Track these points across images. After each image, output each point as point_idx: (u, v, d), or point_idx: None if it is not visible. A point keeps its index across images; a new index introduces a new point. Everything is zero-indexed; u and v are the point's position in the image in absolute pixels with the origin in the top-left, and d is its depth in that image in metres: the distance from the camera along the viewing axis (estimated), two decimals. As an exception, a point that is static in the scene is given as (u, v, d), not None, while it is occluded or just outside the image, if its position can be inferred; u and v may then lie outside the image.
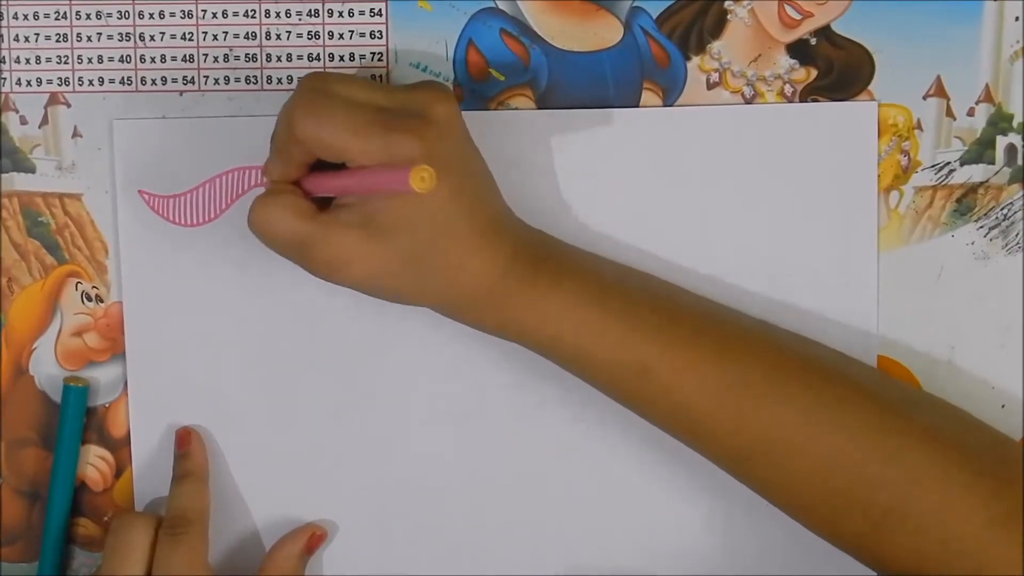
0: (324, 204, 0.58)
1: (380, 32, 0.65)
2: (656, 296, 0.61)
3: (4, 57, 0.66)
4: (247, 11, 0.65)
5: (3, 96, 0.66)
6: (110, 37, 0.65)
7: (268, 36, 0.65)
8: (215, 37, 0.65)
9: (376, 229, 0.56)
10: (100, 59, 0.65)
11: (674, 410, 0.58)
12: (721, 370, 0.57)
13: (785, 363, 0.59)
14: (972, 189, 0.65)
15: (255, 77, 0.65)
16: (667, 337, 0.58)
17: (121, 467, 0.67)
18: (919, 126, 0.64)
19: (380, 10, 0.65)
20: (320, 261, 0.57)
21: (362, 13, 0.65)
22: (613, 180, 0.64)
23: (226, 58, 0.65)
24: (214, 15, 0.65)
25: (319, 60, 0.65)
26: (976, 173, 0.65)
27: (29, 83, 0.66)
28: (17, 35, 0.65)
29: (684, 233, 0.65)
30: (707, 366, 0.58)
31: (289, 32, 0.65)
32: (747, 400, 0.57)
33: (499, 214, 0.60)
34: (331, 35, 0.65)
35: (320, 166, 0.58)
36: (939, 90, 0.64)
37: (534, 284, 0.58)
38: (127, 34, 0.65)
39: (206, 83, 0.65)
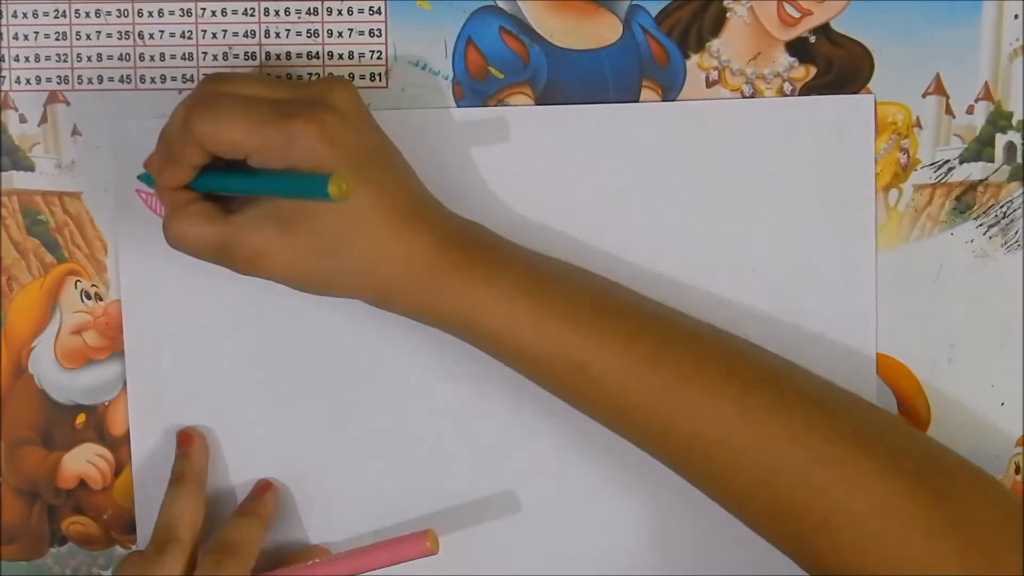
0: (232, 203, 0.58)
1: (379, 30, 0.65)
2: (596, 293, 0.60)
3: (4, 55, 0.66)
4: (246, 9, 0.65)
5: (2, 94, 0.66)
6: (109, 35, 0.65)
7: (267, 34, 0.65)
8: (214, 35, 0.65)
9: (286, 222, 0.56)
10: (99, 57, 0.65)
11: (609, 407, 0.58)
12: (657, 370, 0.57)
13: (728, 365, 0.58)
14: (971, 187, 0.65)
15: (254, 75, 0.65)
16: (604, 335, 0.57)
17: (120, 466, 0.67)
18: (918, 124, 0.64)
19: (379, 8, 0.65)
20: (240, 259, 0.57)
21: (361, 11, 0.65)
22: (610, 176, 0.64)
23: (225, 56, 0.65)
24: (213, 13, 0.65)
25: (318, 58, 0.65)
26: (975, 171, 0.65)
27: (28, 81, 0.66)
28: (16, 33, 0.65)
29: (682, 229, 0.64)
30: (643, 366, 0.57)
31: (288, 30, 0.65)
32: (683, 401, 0.57)
33: (417, 202, 0.59)
34: (330, 33, 0.65)
35: (211, 167, 0.58)
36: (938, 88, 0.64)
37: (466, 274, 0.57)
38: (126, 32, 0.65)
39: (205, 81, 0.65)
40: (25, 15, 0.65)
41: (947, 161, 0.65)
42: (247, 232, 0.56)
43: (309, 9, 0.65)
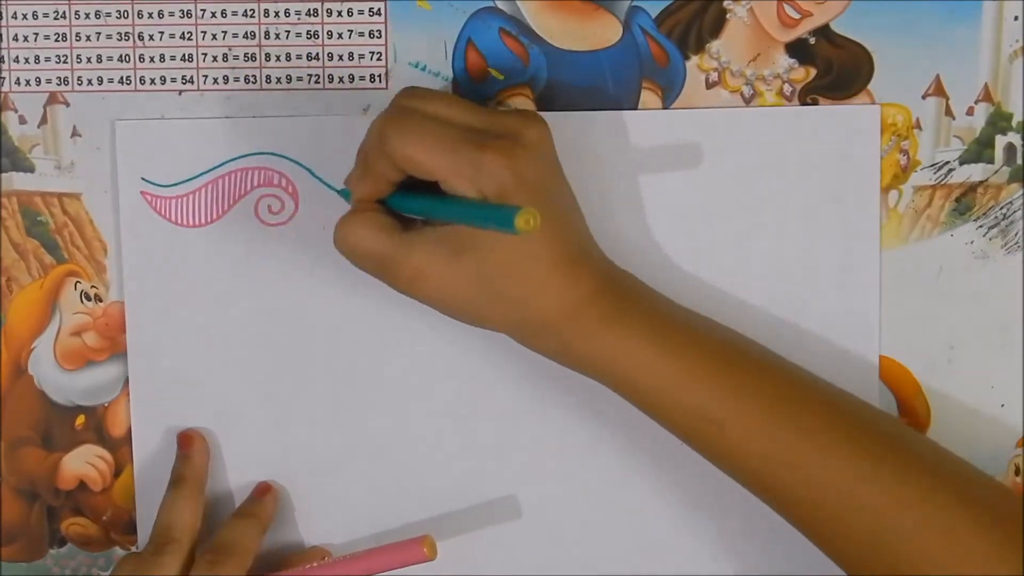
0: (409, 222, 0.59)
1: (379, 32, 0.65)
2: (730, 351, 0.60)
3: (3, 56, 0.66)
4: (246, 10, 0.65)
5: (2, 95, 0.66)
6: (109, 36, 0.65)
7: (267, 36, 0.65)
8: (214, 36, 0.65)
9: (455, 249, 0.56)
10: (99, 59, 0.65)
11: (743, 464, 0.58)
12: (790, 431, 0.57)
13: (839, 419, 0.58)
14: (971, 188, 0.65)
15: (254, 76, 0.65)
16: (744, 397, 0.58)
17: (120, 467, 0.67)
18: (918, 125, 0.64)
19: (379, 9, 0.65)
20: (401, 278, 0.57)
21: (361, 12, 0.65)
22: (612, 182, 0.64)
23: (225, 57, 0.65)
24: (213, 15, 0.65)
25: (318, 59, 0.65)
26: (975, 172, 0.65)
27: (28, 82, 0.66)
28: (16, 35, 0.65)
29: (686, 235, 0.64)
30: (777, 426, 0.57)
31: (288, 32, 0.65)
32: (809, 459, 0.57)
33: (582, 246, 0.59)
34: (330, 35, 0.65)
35: (407, 186, 0.58)
36: (938, 89, 0.64)
37: (617, 322, 0.58)
38: (126, 33, 0.65)
39: (205, 82, 0.65)
40: (25, 16, 0.65)
41: (947, 162, 0.65)
42: (416, 252, 0.57)
43: (309, 10, 0.65)
